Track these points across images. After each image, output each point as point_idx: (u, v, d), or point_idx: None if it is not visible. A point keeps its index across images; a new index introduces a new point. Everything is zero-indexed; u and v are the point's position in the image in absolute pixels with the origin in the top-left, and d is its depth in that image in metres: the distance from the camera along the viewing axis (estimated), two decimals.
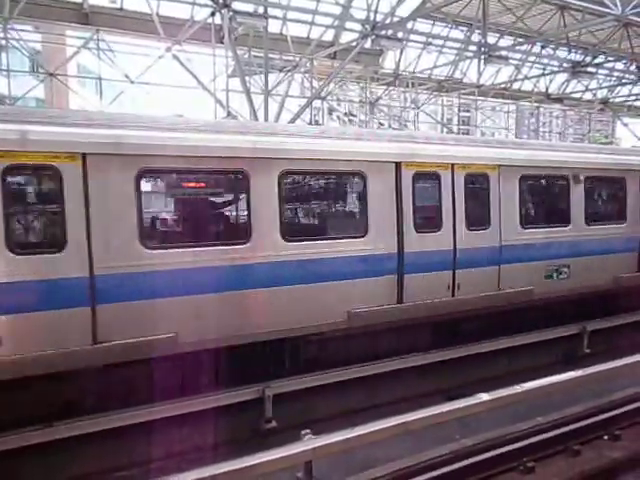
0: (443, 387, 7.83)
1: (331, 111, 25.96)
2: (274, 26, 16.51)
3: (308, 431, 4.69)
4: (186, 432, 6.05)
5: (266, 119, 14.94)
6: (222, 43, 14.87)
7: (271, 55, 16.50)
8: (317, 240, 7.17)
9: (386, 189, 7.54)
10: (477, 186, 8.56)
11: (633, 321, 10.47)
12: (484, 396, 5.34)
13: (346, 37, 17.60)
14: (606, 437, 6.28)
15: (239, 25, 14.16)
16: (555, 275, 9.28)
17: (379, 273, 7.51)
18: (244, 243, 6.51)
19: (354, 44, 15.49)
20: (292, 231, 6.94)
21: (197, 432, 6.04)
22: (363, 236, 7.39)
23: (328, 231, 7.51)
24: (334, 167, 7.32)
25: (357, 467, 5.30)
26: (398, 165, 7.64)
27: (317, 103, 22.68)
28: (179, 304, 6.12)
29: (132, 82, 17.70)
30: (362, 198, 7.50)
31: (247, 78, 15.59)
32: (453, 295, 8.14)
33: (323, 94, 21.30)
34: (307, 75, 20.18)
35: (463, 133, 34.60)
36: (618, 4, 12.00)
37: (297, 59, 17.41)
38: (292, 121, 15.92)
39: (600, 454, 5.91)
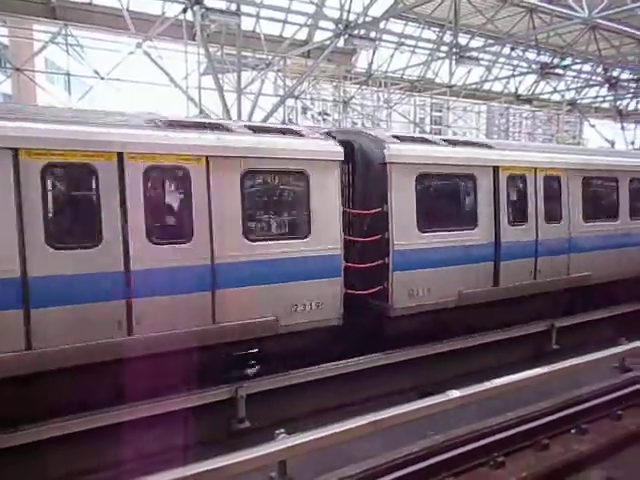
0: (416, 384, 7.90)
1: (305, 110, 25.95)
2: (247, 24, 16.43)
3: (282, 430, 4.69)
4: (157, 434, 5.97)
5: (239, 117, 14.85)
6: (194, 40, 14.72)
7: (244, 53, 16.40)
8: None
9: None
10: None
11: (599, 318, 10.76)
12: (455, 393, 5.42)
13: (319, 36, 17.63)
14: (573, 431, 6.42)
15: (211, 22, 14.03)
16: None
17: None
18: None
19: (327, 43, 15.49)
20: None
21: (168, 434, 5.96)
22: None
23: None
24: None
25: (331, 465, 5.31)
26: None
27: (291, 102, 22.66)
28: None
29: (102, 78, 17.39)
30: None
31: (220, 76, 15.46)
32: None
33: (296, 93, 21.26)
34: (280, 74, 20.13)
35: (435, 133, 34.96)
36: (585, 7, 12.26)
37: (270, 57, 17.33)
38: (265, 120, 15.85)
39: (568, 448, 6.04)
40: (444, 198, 9.10)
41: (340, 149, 7.58)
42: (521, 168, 9.53)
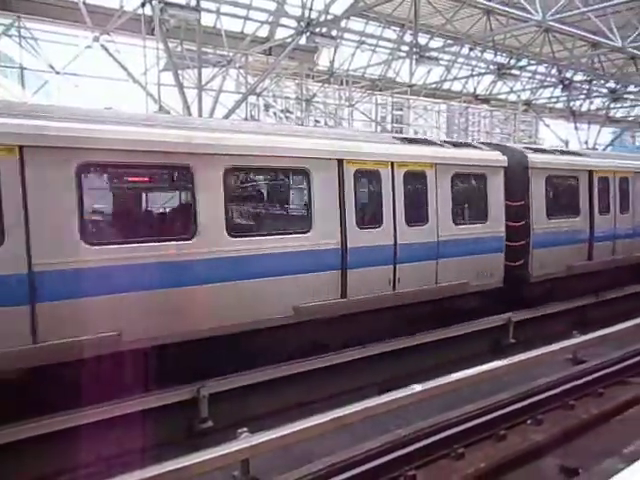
0: (378, 380, 7.98)
1: (267, 107, 25.80)
2: (208, 20, 16.23)
3: (244, 429, 4.68)
4: (115, 437, 5.85)
5: (200, 114, 14.68)
6: (153, 35, 14.46)
7: (204, 49, 16.21)
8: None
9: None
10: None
11: (554, 312, 11.12)
12: (417, 387, 5.51)
13: (281, 33, 17.58)
14: (530, 421, 6.62)
15: (171, 17, 13.80)
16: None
17: None
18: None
19: (289, 40, 15.47)
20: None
21: (127, 437, 5.85)
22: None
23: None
24: None
25: (295, 463, 5.33)
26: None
27: (253, 99, 22.51)
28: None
29: (57, 73, 16.88)
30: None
31: (180, 72, 15.24)
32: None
33: (258, 90, 21.14)
34: (242, 71, 19.98)
35: (396, 131, 35.34)
36: (539, 10, 12.62)
37: (231, 54, 17.18)
38: (227, 117, 15.72)
39: (524, 438, 6.23)
40: (562, 193, 11.74)
41: (505, 158, 10.14)
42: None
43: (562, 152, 12.45)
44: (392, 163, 8.49)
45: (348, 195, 7.90)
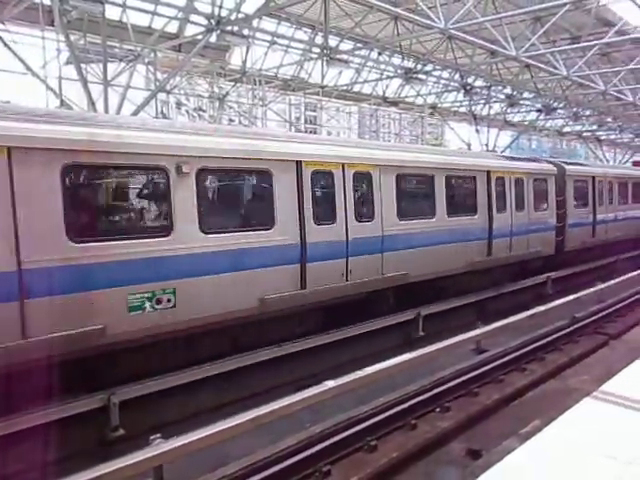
0: (295, 378, 8.07)
1: (179, 105, 25.12)
2: (113, 13, 15.54)
3: (157, 435, 4.58)
4: (19, 451, 5.49)
5: (106, 111, 14.04)
6: (53, 26, 13.63)
7: (110, 43, 15.51)
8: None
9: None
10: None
11: (461, 304, 11.75)
12: (330, 383, 5.63)
13: (191, 30, 17.18)
14: (438, 410, 6.99)
15: (73, 8, 13.07)
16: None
17: None
18: None
19: (199, 38, 15.16)
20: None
21: (32, 451, 5.50)
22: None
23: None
24: None
25: (211, 466, 5.28)
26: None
27: (164, 96, 21.85)
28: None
29: None
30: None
31: (84, 66, 14.49)
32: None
33: (169, 87, 20.55)
34: (151, 67, 19.31)
35: (310, 132, 35.70)
36: (442, 18, 13.26)
37: (139, 49, 16.56)
38: (135, 114, 15.14)
39: (433, 425, 6.56)
40: (582, 192, 17.15)
41: (555, 168, 15.54)
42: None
43: (579, 164, 19.19)
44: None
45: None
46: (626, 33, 17.47)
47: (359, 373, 5.83)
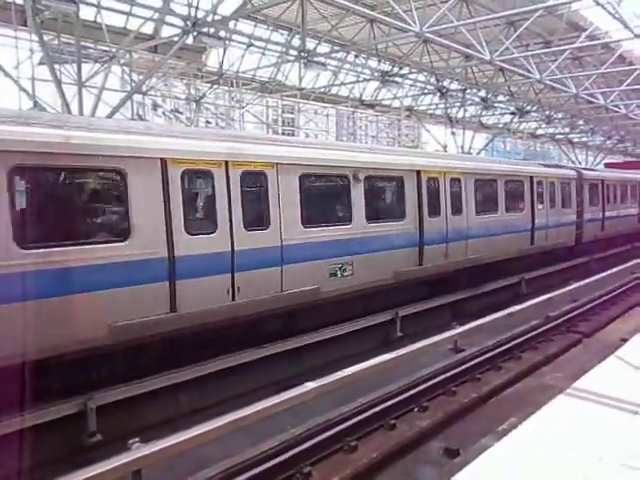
0: (277, 379, 8.05)
1: (155, 107, 24.89)
2: (87, 12, 15.34)
3: (136, 440, 4.54)
4: None
5: (80, 112, 13.85)
6: (26, 26, 13.41)
7: (84, 44, 15.31)
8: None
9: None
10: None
11: (437, 305, 11.88)
12: (310, 385, 5.65)
13: (167, 31, 17.05)
14: (416, 409, 7.06)
15: (46, 8, 12.87)
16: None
17: None
18: None
19: (176, 39, 15.06)
20: None
21: (6, 458, 5.40)
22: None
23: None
24: None
25: (191, 469, 5.26)
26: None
27: (140, 98, 21.62)
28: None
29: None
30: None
31: (57, 67, 14.27)
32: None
33: (145, 89, 20.35)
34: (126, 68, 19.11)
35: (287, 134, 35.69)
36: (417, 22, 13.40)
37: (114, 50, 16.38)
38: (110, 115, 14.97)
39: (412, 425, 6.63)
40: (593, 193, 19.95)
41: (575, 173, 18.71)
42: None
43: (591, 170, 23.48)
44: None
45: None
46: (596, 38, 17.92)
47: (339, 374, 5.87)
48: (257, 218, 8.16)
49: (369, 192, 10.06)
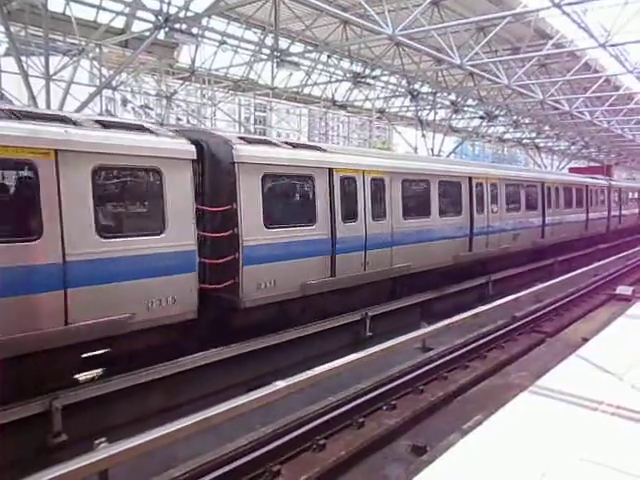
0: (246, 379, 8.03)
1: (125, 102, 24.51)
2: (56, 5, 15.02)
3: (102, 440, 4.49)
4: None
5: (48, 106, 13.56)
6: None
7: (53, 36, 14.99)
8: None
9: None
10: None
11: (405, 305, 12.01)
12: (280, 384, 5.66)
13: (138, 26, 16.81)
14: (385, 407, 7.14)
15: None
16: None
17: None
18: None
19: (147, 34, 14.86)
20: None
21: None
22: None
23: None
24: None
25: (158, 468, 5.22)
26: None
27: (110, 93, 21.27)
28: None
29: None
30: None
31: (24, 59, 13.94)
32: None
33: (115, 84, 20.02)
34: (96, 62, 18.76)
35: (259, 133, 35.56)
36: (390, 24, 13.54)
37: (84, 44, 16.06)
38: (79, 110, 14.68)
39: (380, 423, 6.71)
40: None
41: (607, 182, 27.05)
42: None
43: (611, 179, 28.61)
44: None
45: None
46: (562, 46, 18.41)
47: (309, 373, 5.89)
48: (378, 211, 10.90)
49: (441, 194, 13.09)
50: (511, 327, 11.03)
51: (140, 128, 7.42)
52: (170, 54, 19.47)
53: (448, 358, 8.97)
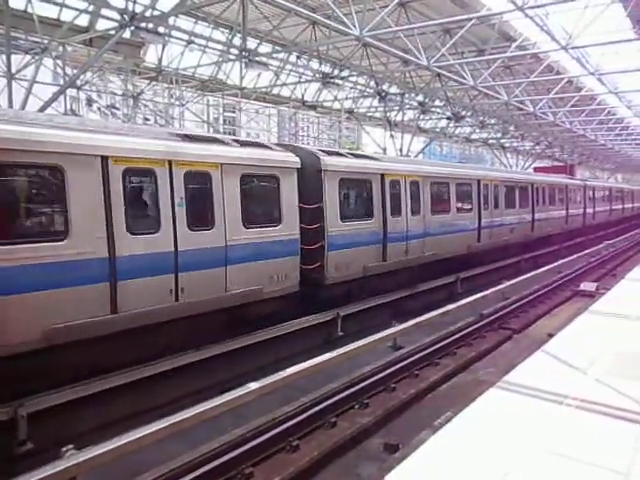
0: (220, 381, 7.97)
1: (90, 102, 23.99)
2: (17, 1, 14.60)
3: (70, 447, 4.39)
4: None
5: (10, 105, 13.20)
6: None
7: (15, 34, 14.59)
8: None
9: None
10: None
11: (375, 304, 12.11)
12: (253, 385, 5.62)
13: (103, 24, 16.48)
14: (357, 406, 7.18)
15: None
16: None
17: None
18: None
19: (112, 33, 14.58)
20: None
21: None
22: None
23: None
24: None
25: (128, 474, 5.13)
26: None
27: (75, 92, 20.79)
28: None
29: None
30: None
31: None
32: None
33: (79, 83, 19.58)
34: (59, 61, 18.32)
35: (229, 133, 35.31)
36: (357, 26, 13.61)
37: (47, 42, 15.66)
38: (42, 110, 14.32)
39: (352, 422, 6.74)
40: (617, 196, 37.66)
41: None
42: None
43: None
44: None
45: None
46: (526, 48, 18.79)
47: (281, 374, 5.87)
48: (415, 209, 13.17)
49: (458, 194, 15.47)
50: (479, 324, 11.22)
51: (261, 145, 10.01)
52: (136, 53, 19.16)
53: (419, 356, 9.08)
